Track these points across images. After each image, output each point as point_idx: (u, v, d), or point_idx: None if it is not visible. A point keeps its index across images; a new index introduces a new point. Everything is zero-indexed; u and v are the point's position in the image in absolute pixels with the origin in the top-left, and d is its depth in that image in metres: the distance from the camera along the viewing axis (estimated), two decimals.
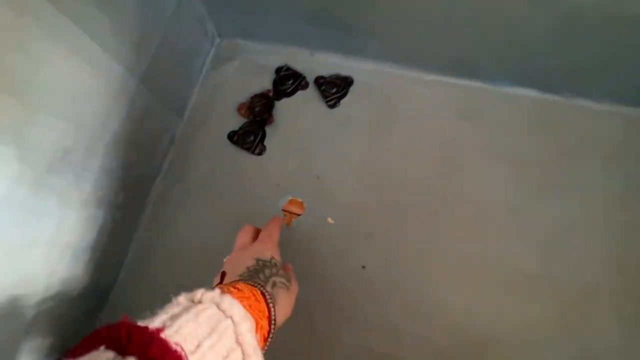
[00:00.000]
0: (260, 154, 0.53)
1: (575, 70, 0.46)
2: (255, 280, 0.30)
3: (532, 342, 0.42)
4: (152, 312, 0.21)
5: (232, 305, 0.22)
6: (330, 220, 0.49)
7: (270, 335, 0.27)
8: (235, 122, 0.55)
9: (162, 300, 0.23)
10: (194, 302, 0.22)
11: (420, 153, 0.50)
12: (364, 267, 0.47)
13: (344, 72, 0.55)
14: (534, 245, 0.45)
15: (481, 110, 0.51)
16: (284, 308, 0.30)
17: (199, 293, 0.23)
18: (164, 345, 0.18)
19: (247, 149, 0.53)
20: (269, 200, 0.51)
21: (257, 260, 0.33)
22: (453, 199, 0.48)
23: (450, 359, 0.42)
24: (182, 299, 0.23)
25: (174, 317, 0.20)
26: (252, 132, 0.53)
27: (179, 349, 0.18)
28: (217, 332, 0.20)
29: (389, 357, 0.43)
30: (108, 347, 0.17)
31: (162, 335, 0.18)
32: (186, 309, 0.21)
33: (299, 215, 0.50)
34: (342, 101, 0.54)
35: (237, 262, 0.33)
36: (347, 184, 0.50)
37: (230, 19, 0.55)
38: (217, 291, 0.23)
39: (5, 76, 0.29)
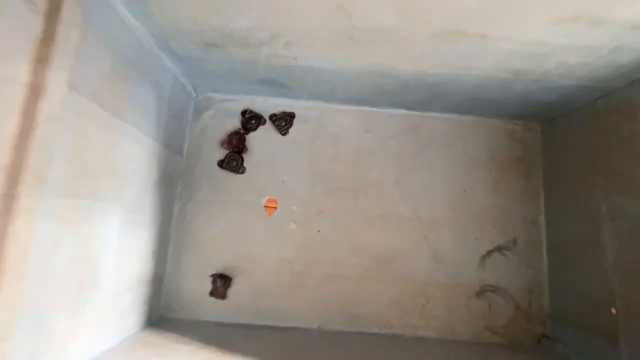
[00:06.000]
0: (242, 173, 0.81)
1: (422, 98, 0.80)
2: None
3: (411, 252, 0.79)
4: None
5: None
6: (293, 225, 0.79)
7: None
8: (221, 153, 0.81)
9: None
10: None
11: (342, 157, 0.82)
12: (318, 230, 0.79)
13: (288, 110, 0.83)
14: (408, 201, 0.81)
15: (376, 125, 0.84)
16: None
17: None
18: None
19: (233, 171, 0.80)
20: (254, 200, 0.79)
21: None
22: (365, 183, 0.81)
23: (372, 269, 0.78)
24: None
25: None
26: (234, 159, 0.80)
27: None
28: None
29: (338, 277, 0.77)
30: None
31: None
32: None
33: (275, 208, 0.79)
34: (290, 130, 0.83)
35: None
36: (302, 185, 0.80)
37: (205, 82, 0.79)
38: None
39: (103, 157, 0.53)
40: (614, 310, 0.61)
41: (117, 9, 0.49)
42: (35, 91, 0.35)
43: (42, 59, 0.35)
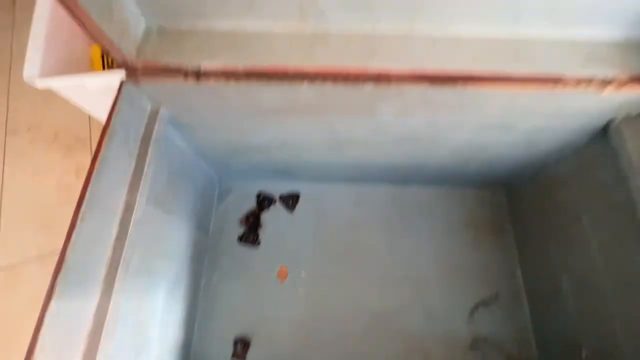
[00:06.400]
0: (258, 244, 0.96)
1: (400, 176, 0.99)
2: None
3: (406, 309, 0.90)
4: None
5: None
6: (302, 290, 0.93)
7: None
8: (240, 229, 0.98)
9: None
10: None
11: (340, 228, 0.98)
12: (324, 293, 0.91)
13: (294, 190, 1.02)
14: (398, 263, 0.94)
15: (366, 199, 1.02)
16: None
17: None
18: None
19: (251, 244, 0.96)
20: (268, 269, 0.94)
21: None
22: (360, 249, 0.96)
23: (373, 325, 0.88)
24: None
25: None
26: (251, 234, 0.97)
27: None
28: None
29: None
30: None
31: None
32: None
33: (286, 275, 0.93)
34: (297, 206, 1.01)
35: None
36: (308, 253, 0.96)
37: (227, 174, 1.00)
38: None
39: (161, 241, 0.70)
40: (584, 355, 0.70)
41: (175, 141, 0.71)
42: (129, 208, 0.54)
43: (133, 187, 0.55)
